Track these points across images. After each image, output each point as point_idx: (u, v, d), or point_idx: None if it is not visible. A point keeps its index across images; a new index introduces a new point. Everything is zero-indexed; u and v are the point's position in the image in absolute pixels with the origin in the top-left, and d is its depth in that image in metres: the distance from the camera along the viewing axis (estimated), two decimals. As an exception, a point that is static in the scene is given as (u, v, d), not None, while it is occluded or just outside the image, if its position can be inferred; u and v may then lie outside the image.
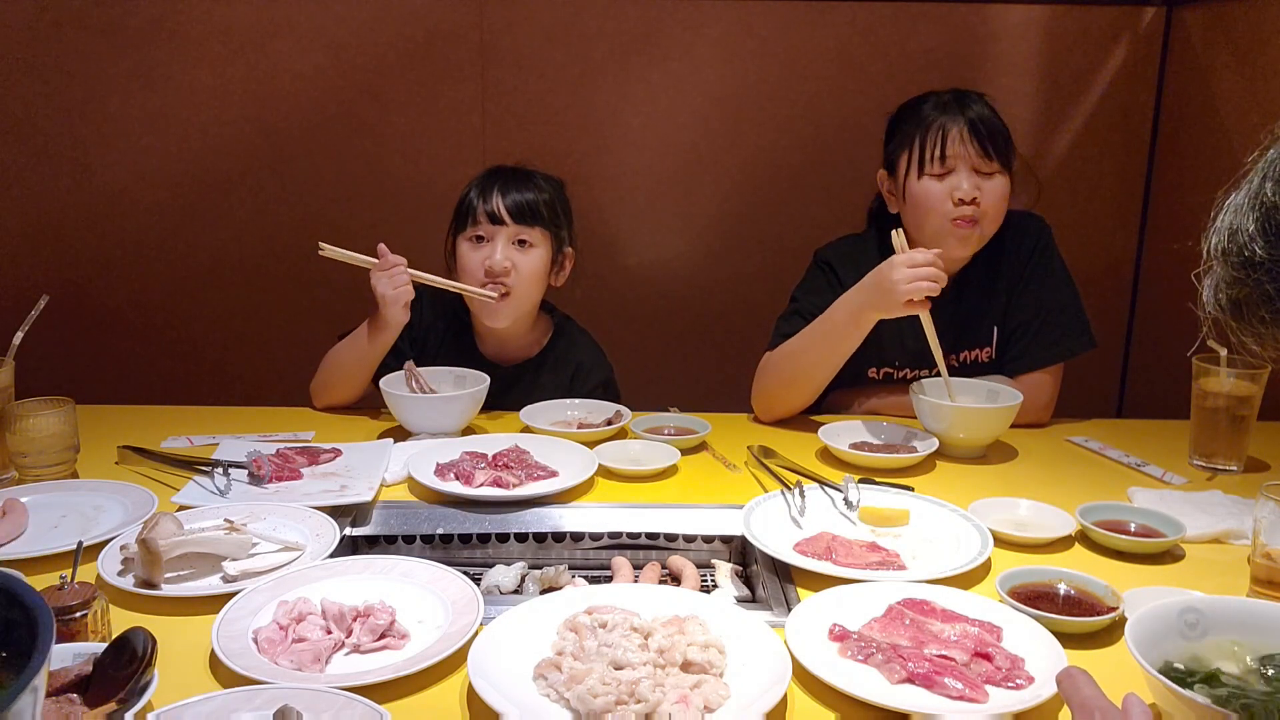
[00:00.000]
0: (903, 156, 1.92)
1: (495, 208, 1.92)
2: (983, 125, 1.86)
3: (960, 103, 1.89)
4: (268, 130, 2.60)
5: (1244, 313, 0.72)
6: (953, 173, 1.87)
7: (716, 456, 1.74)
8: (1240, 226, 0.71)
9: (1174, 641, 0.97)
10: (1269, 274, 0.70)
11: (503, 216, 1.92)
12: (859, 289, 1.81)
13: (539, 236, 1.96)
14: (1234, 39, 2.34)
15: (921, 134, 1.89)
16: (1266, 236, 0.70)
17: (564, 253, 2.03)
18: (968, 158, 1.86)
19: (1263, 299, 0.71)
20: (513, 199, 1.94)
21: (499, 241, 1.93)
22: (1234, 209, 0.73)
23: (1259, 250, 0.70)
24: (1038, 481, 1.64)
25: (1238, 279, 0.72)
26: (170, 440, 1.76)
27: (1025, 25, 2.59)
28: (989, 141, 1.86)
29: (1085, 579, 1.21)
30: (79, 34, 2.52)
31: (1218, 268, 0.74)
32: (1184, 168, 2.56)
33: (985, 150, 1.86)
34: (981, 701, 0.98)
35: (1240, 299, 0.72)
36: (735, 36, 2.59)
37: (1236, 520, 1.43)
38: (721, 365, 2.69)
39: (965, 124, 1.86)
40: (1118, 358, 2.80)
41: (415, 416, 1.80)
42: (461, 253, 1.97)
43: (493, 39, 2.58)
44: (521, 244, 1.94)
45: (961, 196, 1.85)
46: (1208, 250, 0.75)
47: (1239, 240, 0.71)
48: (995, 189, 1.87)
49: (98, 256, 2.66)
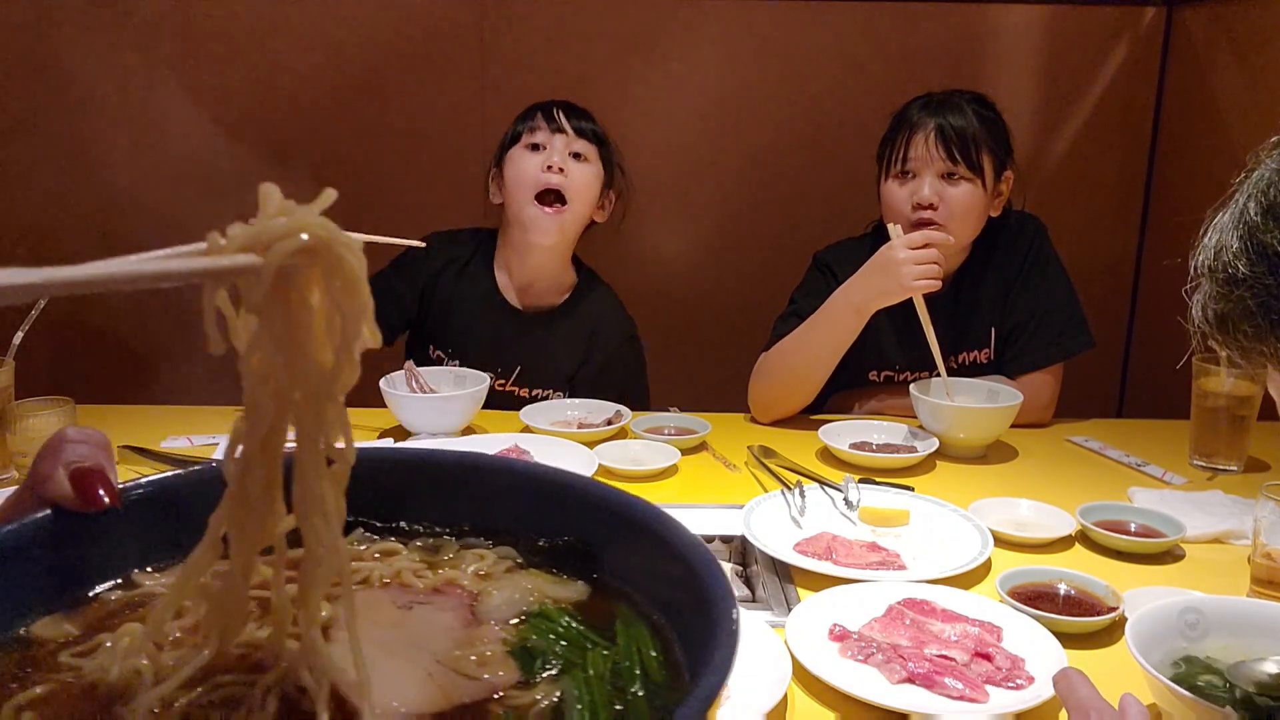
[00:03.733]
0: (882, 156, 1.94)
1: (556, 115, 1.96)
2: (952, 130, 1.84)
3: (940, 106, 1.88)
4: (268, 130, 2.60)
5: (1229, 327, 0.75)
6: (915, 177, 1.87)
7: (716, 456, 1.74)
8: (1225, 245, 0.75)
9: (1174, 642, 0.97)
10: (1250, 291, 0.73)
11: (563, 125, 1.95)
12: (859, 277, 1.81)
13: (594, 155, 1.98)
14: (1235, 39, 2.34)
15: (893, 135, 1.91)
16: (1248, 255, 0.73)
17: (610, 191, 2.04)
18: (931, 162, 1.85)
19: (1244, 315, 0.74)
20: (570, 115, 1.98)
21: (556, 147, 1.94)
22: (1220, 228, 0.76)
23: (1242, 268, 0.73)
24: (1038, 481, 1.63)
25: (1222, 294, 0.75)
26: (170, 440, 1.76)
27: (1026, 24, 2.59)
28: (956, 147, 1.84)
29: (1085, 579, 1.21)
30: (79, 33, 2.52)
31: (1205, 284, 0.77)
32: (1184, 167, 2.56)
33: (951, 156, 1.84)
34: (982, 701, 0.98)
35: (1225, 314, 0.75)
36: (735, 36, 2.59)
37: (1237, 520, 1.43)
38: (721, 365, 2.68)
39: (934, 129, 1.85)
40: (1118, 357, 2.79)
41: (415, 416, 1.80)
42: (514, 160, 1.96)
43: (493, 39, 2.58)
44: (577, 156, 1.96)
45: (919, 201, 1.85)
46: (1195, 267, 0.78)
47: (1223, 258, 0.74)
48: (960, 196, 1.85)
49: (97, 256, 2.62)
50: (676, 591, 0.48)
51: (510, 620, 0.52)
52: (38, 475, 0.47)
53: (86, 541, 0.48)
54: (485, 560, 0.53)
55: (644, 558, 0.52)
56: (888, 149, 1.92)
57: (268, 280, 0.39)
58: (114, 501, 0.46)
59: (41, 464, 0.47)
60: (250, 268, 0.38)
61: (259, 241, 0.38)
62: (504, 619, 0.52)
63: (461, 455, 0.59)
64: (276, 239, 0.39)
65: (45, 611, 0.48)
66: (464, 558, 0.54)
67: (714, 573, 0.46)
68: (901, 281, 1.74)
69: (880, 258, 1.78)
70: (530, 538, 0.57)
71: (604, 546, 0.54)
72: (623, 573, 0.54)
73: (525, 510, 0.55)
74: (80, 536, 0.47)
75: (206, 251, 0.38)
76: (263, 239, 0.38)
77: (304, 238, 0.39)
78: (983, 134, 1.87)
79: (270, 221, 0.39)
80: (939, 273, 1.76)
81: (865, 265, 1.81)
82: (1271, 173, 0.74)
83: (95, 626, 0.48)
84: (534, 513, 0.56)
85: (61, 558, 0.47)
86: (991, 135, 1.89)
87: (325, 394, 0.41)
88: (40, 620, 0.47)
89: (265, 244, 0.38)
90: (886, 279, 1.76)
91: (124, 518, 0.47)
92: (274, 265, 0.38)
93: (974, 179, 1.86)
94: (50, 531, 0.46)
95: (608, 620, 0.51)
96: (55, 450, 0.47)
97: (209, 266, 0.37)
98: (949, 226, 1.85)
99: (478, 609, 0.52)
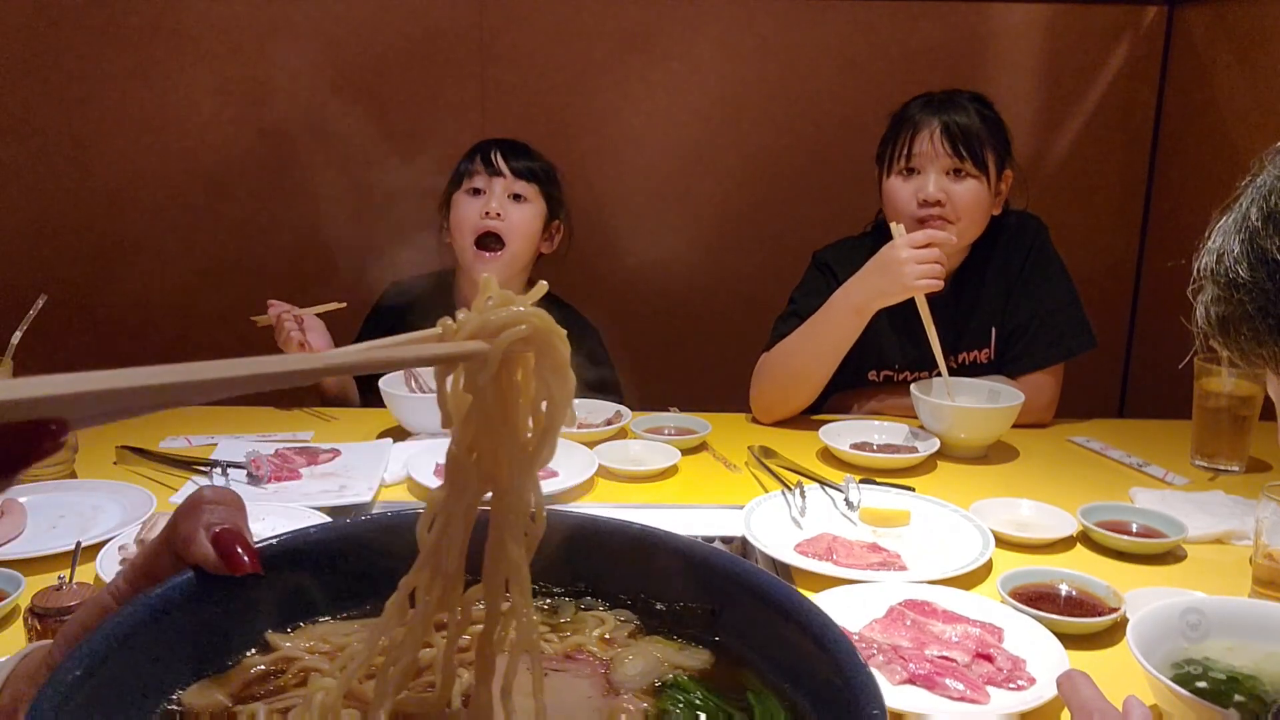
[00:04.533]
0: (884, 155, 1.93)
1: (493, 159, 1.99)
2: (957, 127, 1.84)
3: (943, 104, 1.88)
4: (266, 129, 2.60)
5: (1229, 330, 0.76)
6: (920, 173, 1.87)
7: (717, 457, 1.73)
8: (1227, 249, 0.75)
9: (1176, 642, 0.97)
10: (1250, 295, 0.74)
11: (500, 168, 1.98)
12: (860, 277, 1.81)
13: (534, 193, 2.00)
14: (1236, 38, 2.33)
15: (895, 133, 1.90)
16: (1249, 260, 0.74)
17: (554, 223, 2.07)
18: (936, 159, 1.85)
19: (1244, 319, 0.74)
20: (509, 156, 2.01)
21: (495, 191, 1.98)
22: (1223, 231, 0.77)
23: (1242, 273, 0.74)
24: (1039, 482, 1.63)
25: (1223, 298, 0.76)
26: (168, 440, 1.75)
27: (1027, 24, 2.59)
28: (962, 143, 1.84)
29: (1087, 580, 1.21)
30: (77, 33, 2.52)
31: (1207, 286, 0.78)
32: (1186, 167, 2.55)
33: (957, 152, 1.84)
34: (983, 703, 0.98)
35: (1226, 316, 0.76)
36: (735, 35, 2.59)
37: (1238, 521, 1.42)
38: (721, 365, 2.67)
39: (939, 125, 1.85)
40: (1119, 358, 2.79)
41: (414, 416, 1.80)
42: (456, 205, 2.02)
43: (493, 38, 2.58)
44: (516, 198, 1.99)
45: (924, 198, 1.84)
46: (1198, 269, 0.79)
47: (1225, 262, 0.75)
48: (966, 192, 1.85)
49: (97, 256, 2.65)
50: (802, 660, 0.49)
51: (643, 690, 0.52)
52: (178, 536, 0.48)
53: (224, 602, 0.49)
54: (606, 625, 0.53)
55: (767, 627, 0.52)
56: (890, 147, 1.92)
57: (494, 365, 0.43)
58: (254, 566, 0.47)
59: (182, 525, 0.48)
60: (479, 354, 0.42)
61: (486, 329, 0.43)
62: (638, 688, 0.52)
63: (581, 517, 0.59)
64: (503, 327, 0.43)
65: (193, 676, 0.48)
66: (585, 621, 0.54)
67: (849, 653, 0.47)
68: (903, 281, 1.74)
69: (882, 257, 1.78)
70: (647, 601, 0.57)
71: (723, 612, 0.55)
72: (744, 638, 0.54)
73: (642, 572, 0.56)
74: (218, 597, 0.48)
75: (441, 337, 0.43)
76: (489, 328, 0.43)
77: (523, 328, 0.43)
78: (985, 131, 1.87)
79: (496, 311, 0.43)
80: (941, 272, 1.75)
81: (867, 265, 1.81)
82: (1274, 179, 0.75)
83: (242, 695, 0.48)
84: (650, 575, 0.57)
85: (202, 619, 0.48)
86: (993, 133, 1.89)
87: (526, 469, 0.46)
88: (190, 687, 0.48)
89: (492, 331, 0.43)
90: (888, 279, 1.76)
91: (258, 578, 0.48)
92: (499, 351, 0.42)
93: (979, 176, 1.86)
94: (193, 593, 0.47)
95: (737, 689, 0.52)
96: (194, 512, 0.48)
97: (448, 352, 0.42)
98: (955, 224, 1.85)
99: (612, 678, 0.53)
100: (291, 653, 0.51)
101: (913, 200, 1.86)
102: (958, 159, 1.84)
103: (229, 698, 0.48)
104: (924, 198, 1.85)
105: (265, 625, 0.52)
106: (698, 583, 0.55)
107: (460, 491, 0.45)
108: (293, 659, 0.51)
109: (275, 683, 0.49)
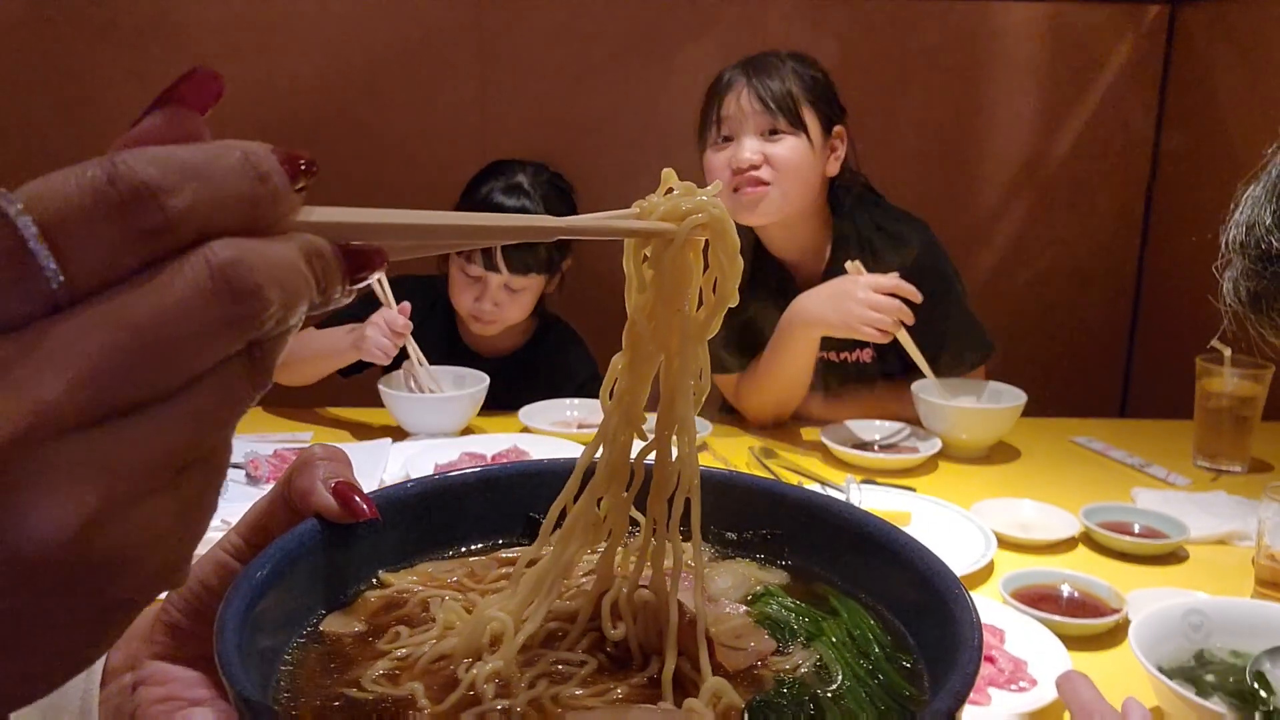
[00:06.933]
0: (700, 128, 1.88)
1: (493, 257, 1.93)
2: (765, 86, 1.78)
3: (753, 64, 1.81)
4: (265, 129, 2.59)
5: (1262, 306, 0.72)
6: (733, 141, 1.81)
7: (717, 457, 1.73)
8: (1258, 220, 0.71)
9: (1178, 643, 0.96)
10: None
11: (498, 264, 1.93)
12: (812, 297, 1.75)
13: (533, 281, 1.99)
14: (1237, 37, 2.33)
15: (707, 102, 1.86)
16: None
17: (555, 277, 2.07)
18: (747, 119, 1.78)
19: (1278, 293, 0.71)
20: (512, 251, 1.92)
21: (490, 286, 1.95)
22: (1252, 201, 0.72)
23: (1276, 243, 0.70)
24: (1041, 482, 1.62)
25: (1255, 272, 0.71)
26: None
27: (1028, 23, 2.58)
28: (773, 100, 1.77)
29: (1089, 580, 1.20)
30: (76, 32, 2.51)
31: (1236, 261, 0.73)
32: (1187, 166, 2.55)
33: (768, 109, 1.77)
34: (984, 704, 0.97)
35: (1259, 292, 0.72)
36: (735, 35, 2.58)
37: (1241, 521, 1.42)
38: (722, 365, 2.68)
39: (747, 86, 1.79)
40: (1121, 358, 2.79)
41: (414, 416, 1.79)
42: (453, 279, 2.00)
43: (492, 39, 2.57)
44: (511, 290, 1.97)
45: (736, 165, 1.78)
46: (1226, 243, 0.74)
47: (1256, 234, 0.71)
48: (784, 151, 1.78)
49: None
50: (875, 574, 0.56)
51: (738, 600, 0.58)
52: (294, 490, 0.53)
53: (342, 546, 0.55)
54: (688, 554, 0.56)
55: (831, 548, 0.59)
56: (704, 118, 1.85)
57: (680, 243, 0.50)
58: (373, 512, 0.53)
59: (297, 480, 0.53)
60: (669, 232, 0.50)
61: (674, 213, 0.50)
62: (733, 598, 0.58)
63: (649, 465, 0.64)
64: (688, 214, 0.50)
65: (325, 610, 0.54)
66: (664, 549, 0.56)
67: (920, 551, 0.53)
68: (850, 321, 1.67)
69: (840, 287, 1.71)
70: (719, 532, 0.63)
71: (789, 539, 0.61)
72: (812, 561, 0.61)
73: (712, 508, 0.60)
74: (337, 541, 0.54)
75: (639, 215, 0.50)
76: (676, 213, 0.50)
77: (702, 216, 0.50)
78: (801, 87, 1.80)
79: (684, 198, 0.50)
80: (891, 325, 1.67)
81: (822, 287, 1.75)
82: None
83: (375, 621, 0.54)
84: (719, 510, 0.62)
85: (326, 561, 0.54)
86: (813, 90, 1.82)
87: (697, 337, 0.52)
88: (325, 619, 0.54)
89: (679, 216, 0.50)
90: (838, 313, 1.69)
91: (370, 524, 0.54)
92: (685, 231, 0.50)
93: (796, 133, 1.79)
94: (318, 539, 0.52)
95: (819, 598, 0.58)
96: (310, 467, 0.53)
97: (645, 227, 0.50)
98: (777, 183, 1.78)
99: (708, 590, 0.58)
100: (406, 585, 0.58)
101: (726, 169, 1.79)
102: (770, 117, 1.78)
103: (363, 623, 0.54)
104: (736, 165, 1.78)
105: (377, 566, 0.58)
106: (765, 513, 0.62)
107: (639, 352, 0.53)
108: (408, 590, 0.57)
109: (398, 612, 0.55)
